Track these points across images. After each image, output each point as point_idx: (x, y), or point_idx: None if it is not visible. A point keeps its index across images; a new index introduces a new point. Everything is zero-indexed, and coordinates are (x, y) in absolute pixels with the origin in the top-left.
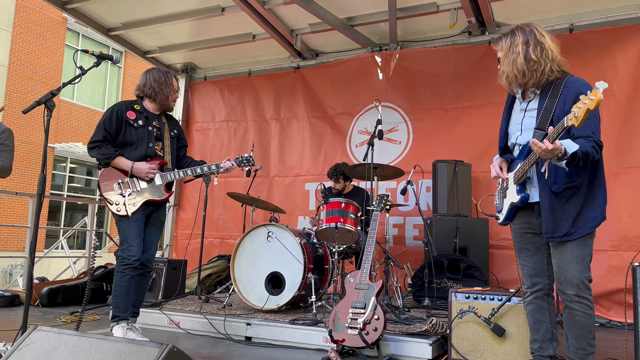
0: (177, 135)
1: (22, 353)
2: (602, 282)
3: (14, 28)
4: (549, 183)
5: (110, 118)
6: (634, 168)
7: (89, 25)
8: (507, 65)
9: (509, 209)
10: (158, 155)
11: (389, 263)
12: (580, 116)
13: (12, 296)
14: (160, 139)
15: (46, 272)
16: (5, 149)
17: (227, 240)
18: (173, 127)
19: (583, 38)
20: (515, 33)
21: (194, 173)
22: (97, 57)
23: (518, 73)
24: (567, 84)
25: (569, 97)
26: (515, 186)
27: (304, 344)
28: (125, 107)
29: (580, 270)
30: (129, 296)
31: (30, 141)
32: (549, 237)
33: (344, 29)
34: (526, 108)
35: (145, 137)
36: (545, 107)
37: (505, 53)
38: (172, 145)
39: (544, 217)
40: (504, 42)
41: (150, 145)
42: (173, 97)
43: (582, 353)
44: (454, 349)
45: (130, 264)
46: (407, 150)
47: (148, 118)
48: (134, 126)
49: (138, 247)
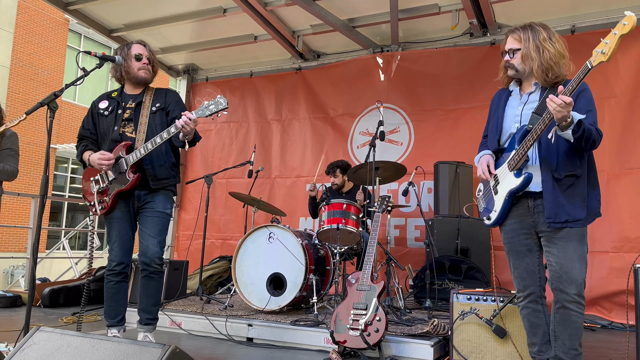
0: (162, 108)
1: (24, 354)
2: (604, 283)
3: (16, 29)
4: (551, 169)
5: (87, 114)
6: (635, 169)
7: (91, 27)
8: (535, 52)
9: (506, 200)
10: (128, 137)
11: (391, 264)
12: (611, 46)
13: (14, 297)
14: (133, 118)
15: (48, 273)
16: (11, 153)
17: (228, 241)
18: (157, 101)
19: (585, 39)
20: (536, 28)
21: (153, 145)
22: (99, 58)
23: (547, 64)
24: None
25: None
26: (512, 173)
27: (306, 345)
28: (100, 98)
29: (582, 269)
30: (117, 302)
31: (32, 142)
32: (550, 222)
33: (346, 30)
34: (527, 100)
35: (113, 122)
36: (546, 95)
37: (530, 43)
38: (153, 122)
39: (546, 201)
40: (523, 33)
41: (116, 129)
42: (136, 66)
43: (574, 354)
44: (456, 350)
45: (111, 269)
46: (408, 152)
47: (120, 102)
48: (104, 115)
49: (117, 251)
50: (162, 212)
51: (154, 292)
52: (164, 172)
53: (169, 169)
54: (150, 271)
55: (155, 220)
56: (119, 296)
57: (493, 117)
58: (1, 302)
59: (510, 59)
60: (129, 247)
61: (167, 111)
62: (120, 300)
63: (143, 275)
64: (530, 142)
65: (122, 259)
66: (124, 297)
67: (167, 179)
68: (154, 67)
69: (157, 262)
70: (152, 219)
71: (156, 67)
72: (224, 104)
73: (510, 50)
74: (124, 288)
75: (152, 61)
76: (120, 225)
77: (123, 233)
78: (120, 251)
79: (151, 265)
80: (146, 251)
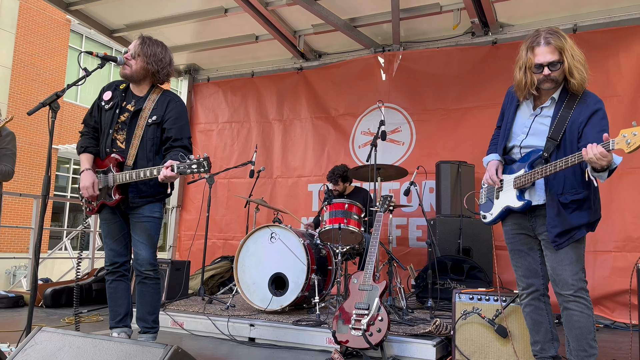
0: (157, 122)
1: (26, 354)
2: (607, 283)
3: (17, 30)
4: (557, 193)
5: (94, 102)
6: (638, 169)
7: (93, 27)
8: (579, 63)
9: (503, 211)
10: (118, 147)
11: (393, 264)
12: (637, 142)
13: (16, 297)
14: (128, 125)
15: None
16: (7, 152)
17: (230, 242)
18: (155, 112)
19: (587, 38)
20: (561, 34)
21: (138, 177)
22: (101, 58)
23: (584, 73)
24: (585, 96)
25: (586, 110)
26: (516, 191)
27: (308, 345)
28: (108, 87)
29: (574, 270)
30: (115, 302)
31: (33, 142)
32: (557, 245)
33: (347, 30)
34: (539, 114)
35: (109, 121)
36: (560, 116)
37: (568, 52)
38: (146, 136)
39: (551, 225)
40: (559, 40)
41: (110, 132)
42: (124, 63)
43: (583, 355)
44: (458, 350)
45: (106, 269)
46: (410, 151)
47: (121, 101)
48: (105, 108)
49: (108, 251)
50: (150, 216)
51: (149, 299)
52: (150, 190)
53: (156, 187)
54: (142, 277)
55: (144, 225)
56: (117, 296)
57: (506, 118)
58: (3, 302)
59: (551, 72)
60: (121, 247)
61: (163, 127)
62: (119, 300)
63: (137, 282)
64: (544, 174)
65: (114, 258)
66: (122, 297)
67: (153, 195)
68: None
69: (148, 268)
70: (141, 225)
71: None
72: (206, 168)
73: (551, 63)
74: (121, 287)
75: (139, 55)
76: (109, 226)
77: (112, 234)
78: (110, 252)
79: (142, 271)
80: (137, 257)
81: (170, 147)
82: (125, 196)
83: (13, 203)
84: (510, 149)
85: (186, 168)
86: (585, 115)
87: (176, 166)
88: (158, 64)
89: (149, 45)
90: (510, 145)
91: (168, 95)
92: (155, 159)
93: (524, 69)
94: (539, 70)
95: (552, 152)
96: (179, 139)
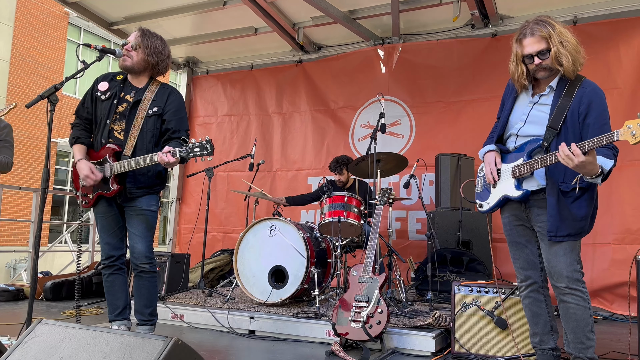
0: (158, 114)
1: (27, 346)
2: (606, 275)
3: (15, 23)
4: (557, 181)
5: (89, 90)
6: (637, 161)
7: (91, 20)
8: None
9: (500, 200)
10: (115, 138)
11: (392, 257)
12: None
13: (16, 290)
14: (127, 116)
15: (50, 267)
16: (6, 144)
17: (230, 235)
18: (156, 104)
19: (587, 30)
20: (549, 22)
21: (137, 165)
22: (99, 51)
23: (573, 57)
24: (584, 85)
25: (585, 98)
26: (514, 180)
27: (308, 338)
28: (103, 78)
29: (569, 262)
30: (113, 295)
31: (32, 136)
32: (552, 236)
33: (347, 22)
34: (537, 101)
35: (107, 112)
36: (559, 105)
37: (555, 39)
38: (146, 127)
39: (550, 215)
40: (544, 29)
41: (107, 123)
42: (124, 54)
43: (580, 347)
44: (457, 342)
45: (102, 262)
46: (410, 144)
47: (119, 91)
48: (101, 99)
49: (103, 244)
50: (147, 209)
51: (145, 292)
52: (147, 181)
53: (153, 178)
54: (139, 270)
55: (140, 218)
56: (114, 289)
57: (504, 108)
58: (4, 295)
59: (542, 61)
60: (116, 240)
61: (163, 119)
62: (116, 293)
63: (134, 275)
64: (544, 164)
65: (110, 252)
66: (119, 290)
67: (150, 187)
68: (148, 55)
69: (144, 262)
70: (137, 218)
71: (146, 52)
72: (209, 150)
73: (540, 52)
74: (118, 281)
75: (139, 47)
76: (105, 219)
77: (108, 227)
78: (106, 245)
79: (138, 264)
80: (133, 251)
81: (169, 139)
82: (123, 186)
83: (13, 196)
84: (508, 137)
85: (189, 152)
86: (584, 106)
87: (178, 150)
88: (158, 56)
89: (149, 37)
90: (508, 134)
91: (167, 88)
92: (154, 150)
93: (515, 60)
94: (530, 61)
95: (551, 141)
96: (178, 131)
